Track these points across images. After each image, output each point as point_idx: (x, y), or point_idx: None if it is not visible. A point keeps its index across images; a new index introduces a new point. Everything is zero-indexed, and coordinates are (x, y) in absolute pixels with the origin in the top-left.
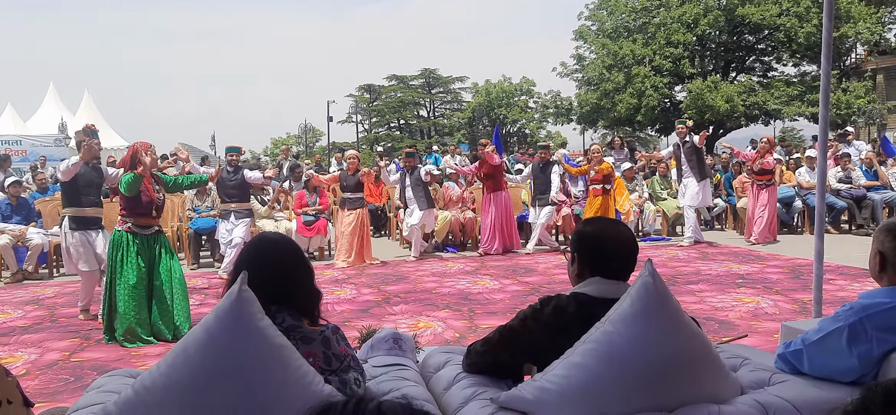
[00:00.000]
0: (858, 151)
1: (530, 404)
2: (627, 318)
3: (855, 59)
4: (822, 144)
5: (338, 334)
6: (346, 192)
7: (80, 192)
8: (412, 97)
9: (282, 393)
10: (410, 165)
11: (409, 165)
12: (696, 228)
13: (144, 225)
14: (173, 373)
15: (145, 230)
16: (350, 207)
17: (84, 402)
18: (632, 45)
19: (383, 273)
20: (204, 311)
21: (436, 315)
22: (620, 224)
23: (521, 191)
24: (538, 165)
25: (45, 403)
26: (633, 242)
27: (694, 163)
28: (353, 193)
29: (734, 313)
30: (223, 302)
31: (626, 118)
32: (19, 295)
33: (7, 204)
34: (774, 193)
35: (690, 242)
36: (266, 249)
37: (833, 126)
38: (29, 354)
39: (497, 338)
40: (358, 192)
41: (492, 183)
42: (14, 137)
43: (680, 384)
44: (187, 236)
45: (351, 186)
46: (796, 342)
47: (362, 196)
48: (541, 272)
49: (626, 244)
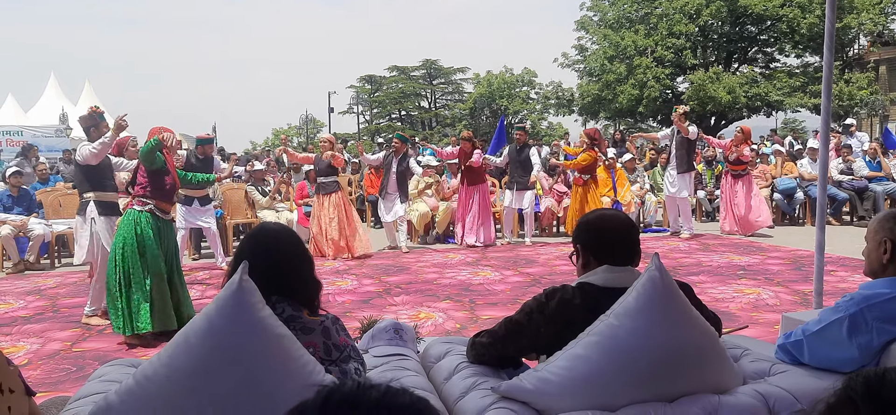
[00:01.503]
0: (860, 142)
1: (531, 394)
2: (632, 312)
3: (858, 50)
4: (824, 135)
5: (337, 324)
6: (320, 176)
7: (103, 175)
8: (413, 88)
9: (283, 383)
10: (401, 150)
11: (400, 151)
12: (676, 221)
13: (165, 210)
14: (174, 363)
15: (165, 215)
16: (324, 192)
17: (86, 391)
18: (634, 35)
19: (384, 264)
20: (204, 302)
21: (437, 306)
22: (618, 213)
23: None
24: (515, 148)
25: (47, 392)
26: (633, 226)
27: (682, 154)
28: (326, 177)
29: (735, 304)
30: (224, 292)
31: (627, 109)
32: (21, 285)
33: (8, 195)
34: (750, 184)
35: (690, 233)
36: (267, 239)
37: (835, 117)
38: (31, 343)
39: (503, 331)
40: (331, 175)
41: (472, 176)
42: (15, 128)
43: (683, 377)
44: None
45: (324, 169)
46: (797, 333)
47: (336, 179)
48: (542, 263)
49: (626, 228)
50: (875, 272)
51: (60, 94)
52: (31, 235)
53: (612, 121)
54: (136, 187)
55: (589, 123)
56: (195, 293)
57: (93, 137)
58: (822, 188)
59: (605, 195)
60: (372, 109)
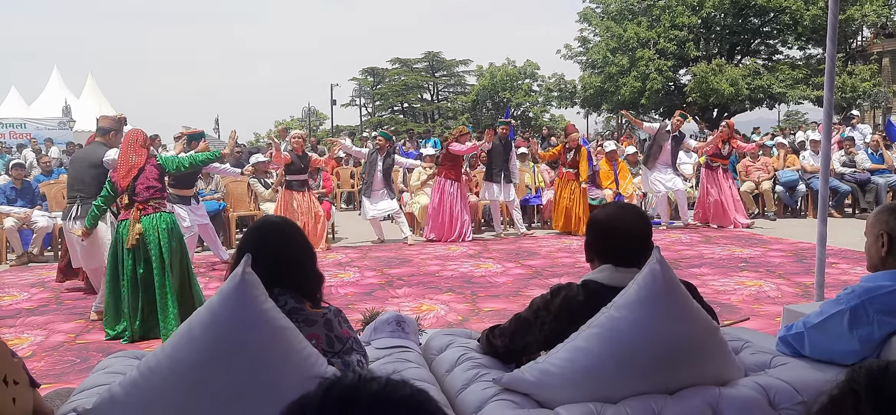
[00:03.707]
0: (862, 134)
1: (532, 385)
2: (633, 304)
3: (861, 42)
4: (827, 127)
5: (339, 316)
6: (291, 174)
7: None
8: (416, 80)
9: (285, 375)
10: (385, 148)
11: (384, 148)
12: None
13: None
14: (177, 354)
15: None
16: (295, 189)
17: (90, 383)
18: (636, 27)
19: (387, 256)
20: (207, 294)
21: (439, 298)
22: (632, 211)
23: (525, 175)
24: (499, 141)
25: (51, 384)
26: (645, 229)
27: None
28: (297, 175)
29: (736, 296)
30: (227, 284)
31: (629, 102)
32: (25, 277)
33: (11, 187)
34: (727, 178)
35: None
36: (269, 232)
37: (838, 109)
38: (35, 335)
39: (512, 327)
40: (302, 174)
41: (451, 170)
42: (18, 120)
43: (683, 369)
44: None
45: (297, 167)
46: (798, 325)
47: (306, 179)
48: (544, 255)
49: (636, 232)
50: (876, 267)
51: (63, 87)
52: (34, 227)
53: (614, 113)
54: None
55: (591, 115)
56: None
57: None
58: (824, 180)
59: (608, 187)
60: (374, 101)
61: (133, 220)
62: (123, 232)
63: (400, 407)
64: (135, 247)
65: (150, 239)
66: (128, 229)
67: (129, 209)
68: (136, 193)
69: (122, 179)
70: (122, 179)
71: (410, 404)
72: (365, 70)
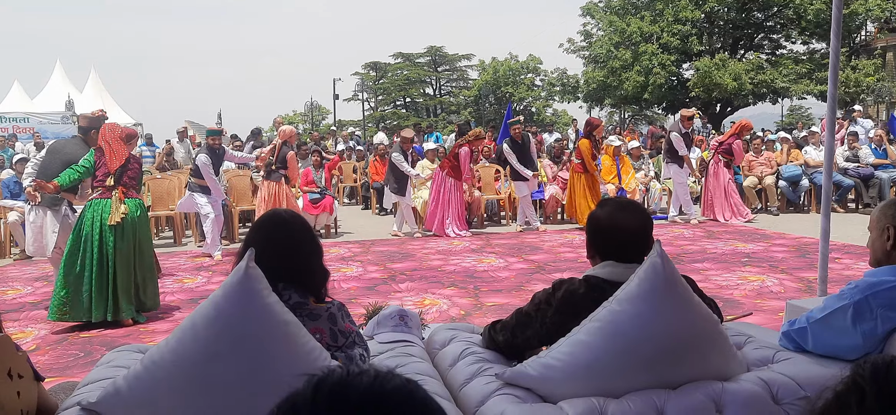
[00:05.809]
0: (865, 129)
1: (535, 380)
2: (634, 297)
3: (865, 37)
4: (830, 122)
5: (343, 310)
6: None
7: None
8: (418, 75)
9: (289, 368)
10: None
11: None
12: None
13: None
14: (181, 348)
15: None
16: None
17: (94, 376)
18: (639, 22)
19: (389, 251)
20: (211, 288)
21: (441, 293)
22: (633, 207)
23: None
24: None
25: (55, 378)
26: (645, 225)
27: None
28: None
29: (739, 291)
30: (231, 278)
31: (632, 96)
32: (29, 271)
33: (15, 181)
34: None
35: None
36: (277, 226)
37: (841, 104)
38: (39, 329)
39: (514, 322)
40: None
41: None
42: (21, 115)
43: (685, 363)
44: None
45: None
46: (801, 320)
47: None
48: (546, 250)
49: (636, 229)
50: (880, 261)
51: (66, 81)
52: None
53: (617, 108)
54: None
55: (594, 109)
56: (201, 279)
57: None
58: (827, 175)
59: (610, 183)
60: (377, 95)
61: (118, 199)
62: (95, 212)
63: (391, 398)
64: (118, 224)
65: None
66: (108, 209)
67: (110, 190)
68: (122, 180)
69: (111, 162)
70: (111, 164)
71: (401, 394)
72: (367, 64)
